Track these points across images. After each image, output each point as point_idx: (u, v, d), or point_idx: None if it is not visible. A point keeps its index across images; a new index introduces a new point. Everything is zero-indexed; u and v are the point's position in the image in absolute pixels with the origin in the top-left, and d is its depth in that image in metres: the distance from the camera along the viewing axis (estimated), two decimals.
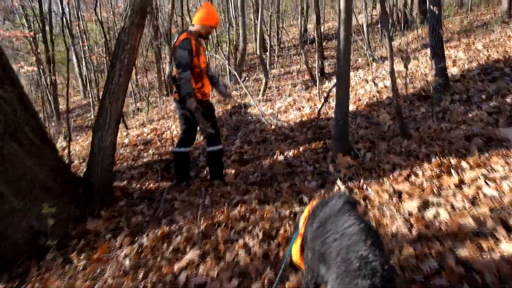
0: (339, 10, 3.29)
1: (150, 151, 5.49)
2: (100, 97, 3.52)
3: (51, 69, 12.64)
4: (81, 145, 7.37)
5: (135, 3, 3.10)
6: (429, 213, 2.21)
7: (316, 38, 6.70)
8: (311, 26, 18.20)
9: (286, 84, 8.51)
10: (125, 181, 4.23)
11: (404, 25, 12.42)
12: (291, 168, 3.60)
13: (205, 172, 4.08)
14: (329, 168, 3.26)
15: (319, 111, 4.33)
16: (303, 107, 5.87)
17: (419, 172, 2.70)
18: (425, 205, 2.31)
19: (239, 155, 4.49)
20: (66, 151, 4.88)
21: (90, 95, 14.04)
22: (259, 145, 4.65)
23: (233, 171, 3.93)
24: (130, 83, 13.01)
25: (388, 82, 5.70)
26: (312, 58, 12.23)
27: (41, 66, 12.48)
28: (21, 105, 3.12)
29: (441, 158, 2.77)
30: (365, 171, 3.02)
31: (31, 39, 12.90)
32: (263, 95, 7.47)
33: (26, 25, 13.54)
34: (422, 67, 5.93)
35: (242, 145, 4.78)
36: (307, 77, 8.82)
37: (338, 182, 2.85)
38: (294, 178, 3.38)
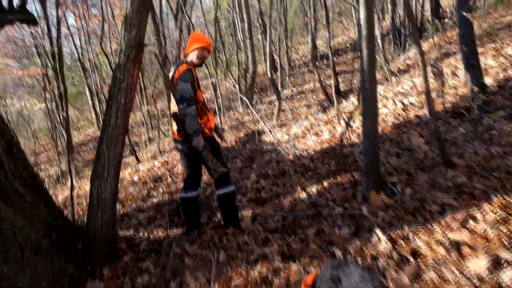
0: (359, 25, 2.88)
1: (160, 190, 5.11)
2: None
3: (64, 105, 12.59)
4: None
5: (130, 37, 2.75)
6: (505, 276, 1.71)
7: (330, 55, 6.29)
8: (320, 42, 17.93)
9: (300, 106, 8.10)
10: (132, 230, 3.83)
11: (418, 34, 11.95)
12: (316, 209, 3.12)
13: (218, 216, 3.65)
14: (362, 210, 2.78)
15: (341, 138, 3.87)
16: (322, 132, 5.42)
17: (478, 216, 2.19)
18: (496, 263, 1.80)
19: (256, 192, 4.04)
20: (74, 193, 4.56)
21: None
22: (277, 179, 4.20)
23: (249, 213, 3.47)
24: (141, 113, 12.82)
25: (413, 99, 5.22)
26: (324, 75, 11.84)
27: (53, 103, 12.47)
28: (9, 156, 2.78)
29: (504, 195, 2.26)
30: (407, 213, 2.52)
31: (44, 76, 12.97)
32: (277, 120, 7.06)
33: (40, 63, 13.66)
34: (449, 79, 5.43)
35: (259, 180, 4.34)
36: (322, 96, 8.40)
37: (377, 230, 2.36)
38: (321, 222, 2.90)
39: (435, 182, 2.77)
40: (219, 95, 11.96)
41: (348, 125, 4.05)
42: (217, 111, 9.71)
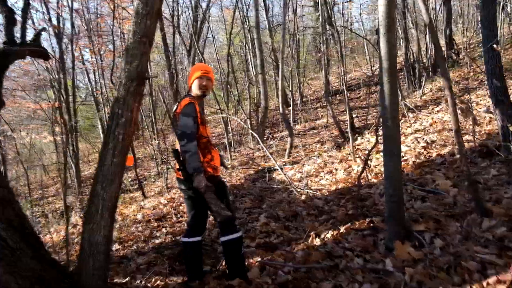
0: (380, 58, 2.65)
1: (164, 230, 4.80)
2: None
3: (74, 138, 12.64)
4: None
5: (131, 69, 2.57)
6: None
7: (344, 90, 6.09)
8: (332, 78, 17.95)
9: (313, 142, 7.83)
10: (129, 276, 3.50)
11: (431, 70, 11.80)
12: (332, 260, 2.77)
13: (223, 263, 3.31)
14: (385, 264, 2.42)
15: (358, 179, 3.56)
16: (336, 170, 5.12)
17: None
18: None
19: (265, 236, 3.71)
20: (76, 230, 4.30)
21: None
22: (289, 222, 3.86)
23: (257, 262, 3.12)
24: (151, 147, 12.68)
25: (434, 136, 4.91)
26: (337, 110, 11.66)
27: (63, 136, 12.48)
28: None
29: None
30: (439, 270, 2.16)
31: (56, 109, 13.11)
32: (288, 156, 6.78)
33: (53, 97, 13.88)
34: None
35: (269, 222, 4.01)
36: (335, 132, 8.14)
37: None
38: (338, 275, 2.54)
39: (469, 233, 2.42)
40: (230, 130, 11.83)
41: (366, 165, 3.75)
42: (227, 146, 9.52)
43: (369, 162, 4.45)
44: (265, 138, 10.74)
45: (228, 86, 13.42)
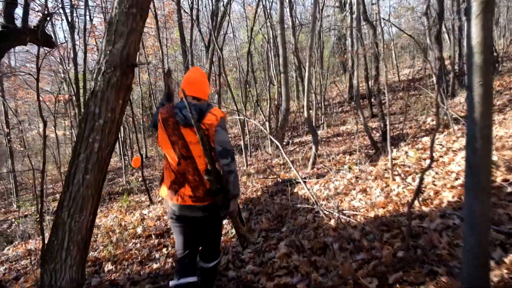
0: (469, 49, 1.84)
1: (165, 250, 4.09)
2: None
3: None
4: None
5: (114, 51, 1.84)
6: None
7: (385, 92, 5.25)
8: (357, 81, 17.02)
9: (339, 152, 7.00)
10: None
11: (457, 82, 10.77)
12: None
13: None
14: None
15: (409, 210, 2.74)
16: (371, 189, 4.29)
17: None
18: None
19: (286, 273, 2.94)
20: None
21: (122, 158, 13.32)
22: (316, 256, 3.07)
23: None
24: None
25: (493, 155, 4.03)
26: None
27: (72, 130, 11.99)
28: None
29: None
30: None
31: (67, 102, 12.63)
32: (312, 168, 5.98)
33: (66, 89, 13.46)
34: None
35: (290, 253, 3.23)
36: (364, 141, 7.29)
37: None
38: None
39: None
40: (247, 132, 11.08)
41: (419, 192, 2.92)
42: (243, 150, 8.78)
43: (408, 180, 3.63)
44: (284, 143, 9.95)
45: (247, 85, 12.70)
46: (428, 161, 3.06)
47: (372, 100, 11.62)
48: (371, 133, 6.83)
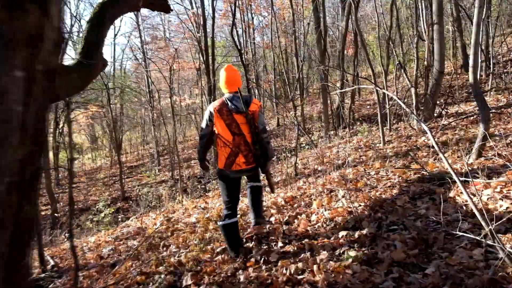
0: None
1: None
2: None
3: (213, 99, 12.36)
4: None
5: None
6: None
7: None
8: None
9: None
10: None
11: None
12: None
13: None
14: None
15: None
16: None
17: None
18: None
19: None
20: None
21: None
22: None
23: None
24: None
25: None
26: None
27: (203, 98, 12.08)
28: None
29: None
30: None
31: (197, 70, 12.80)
32: (477, 157, 4.13)
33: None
34: None
35: None
36: None
37: None
38: None
39: None
40: (387, 101, 9.28)
41: None
42: (379, 122, 7.19)
43: None
44: (435, 115, 7.85)
45: (389, 43, 10.65)
46: None
47: None
48: None
